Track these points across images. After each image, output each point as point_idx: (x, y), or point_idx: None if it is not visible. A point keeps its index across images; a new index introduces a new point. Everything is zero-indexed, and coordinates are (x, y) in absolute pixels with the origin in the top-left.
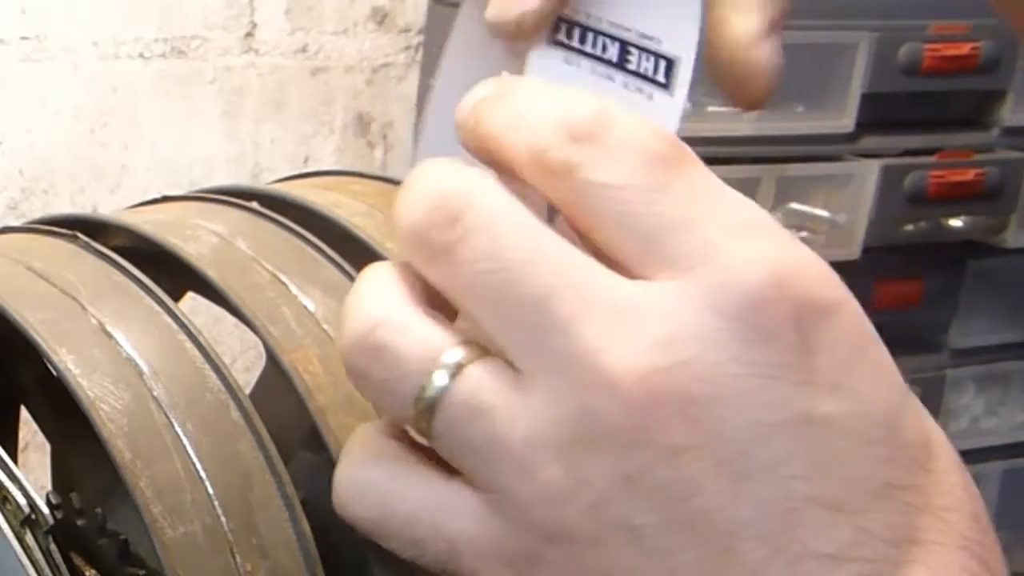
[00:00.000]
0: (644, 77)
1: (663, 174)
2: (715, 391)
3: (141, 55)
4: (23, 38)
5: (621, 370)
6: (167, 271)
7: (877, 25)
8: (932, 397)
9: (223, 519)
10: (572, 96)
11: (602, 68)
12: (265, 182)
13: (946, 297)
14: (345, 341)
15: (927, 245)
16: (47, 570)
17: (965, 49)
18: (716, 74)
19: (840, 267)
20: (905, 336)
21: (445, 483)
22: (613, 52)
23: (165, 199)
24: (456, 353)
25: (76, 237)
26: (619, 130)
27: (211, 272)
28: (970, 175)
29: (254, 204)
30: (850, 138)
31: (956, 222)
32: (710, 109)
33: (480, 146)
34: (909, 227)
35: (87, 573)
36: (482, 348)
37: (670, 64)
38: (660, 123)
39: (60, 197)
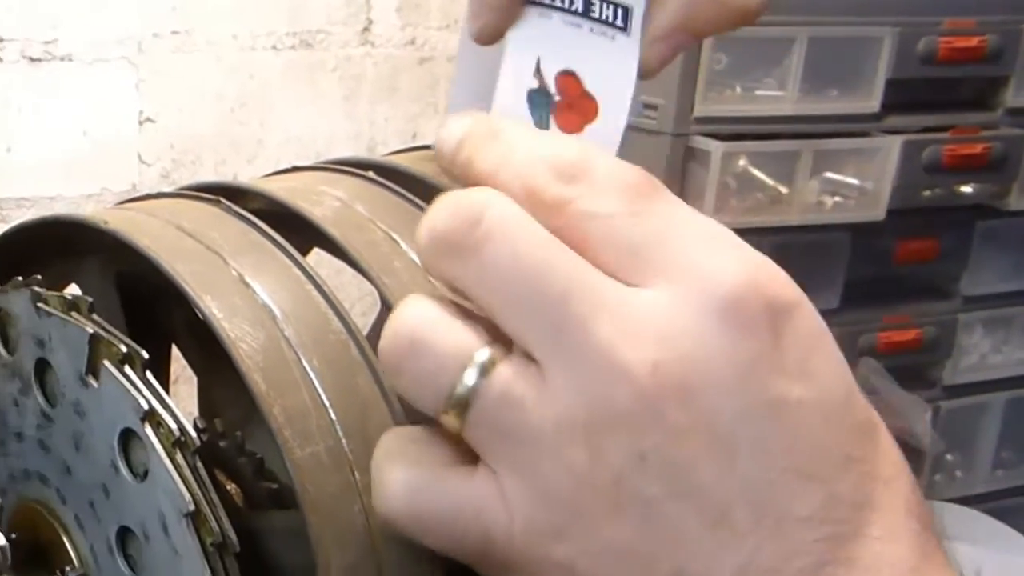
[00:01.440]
0: (606, 23)
1: (641, 202)
2: (709, 381)
3: (274, 47)
4: (174, 32)
5: (633, 363)
6: (296, 230)
7: (899, 21)
8: (946, 337)
9: (343, 441)
10: (554, 140)
11: (570, 18)
12: (379, 155)
13: (958, 252)
14: (383, 341)
15: (942, 208)
16: (195, 484)
17: (974, 41)
18: None
19: (867, 227)
20: (923, 286)
21: (481, 477)
22: (579, 4)
23: (295, 169)
24: (486, 352)
25: (219, 201)
26: (601, 169)
27: (334, 231)
28: (978, 149)
29: (370, 173)
30: (876, 117)
31: (966, 189)
32: (758, 93)
33: (473, 183)
34: (926, 193)
35: (228, 487)
36: (507, 345)
37: (626, 11)
38: (623, 60)
39: (205, 167)
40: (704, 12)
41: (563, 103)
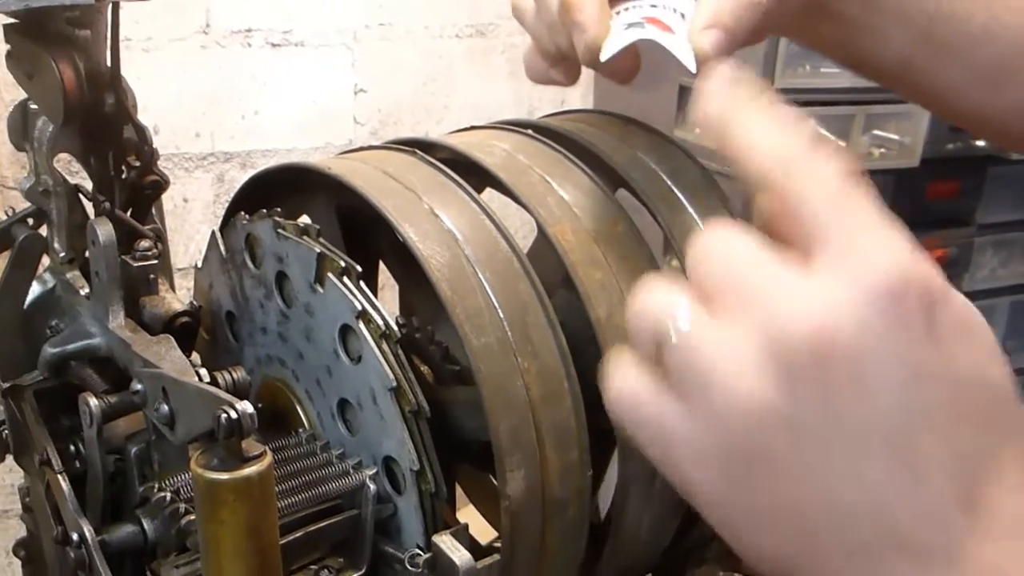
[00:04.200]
0: (674, 9)
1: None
2: (864, 343)
3: (456, 36)
4: (381, 24)
5: (802, 318)
6: (473, 174)
7: None
8: (965, 255)
9: (509, 333)
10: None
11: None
12: (536, 117)
13: (974, 191)
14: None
15: (962, 157)
16: (396, 366)
17: None
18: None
19: (905, 172)
20: (948, 216)
21: (673, 399)
22: None
23: (472, 128)
24: (684, 314)
25: (415, 152)
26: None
27: (502, 175)
28: None
29: (529, 131)
30: None
31: (980, 143)
32: (823, 70)
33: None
34: (950, 146)
35: (422, 368)
36: (704, 311)
37: None
38: (686, 34)
39: (404, 126)
40: (733, 13)
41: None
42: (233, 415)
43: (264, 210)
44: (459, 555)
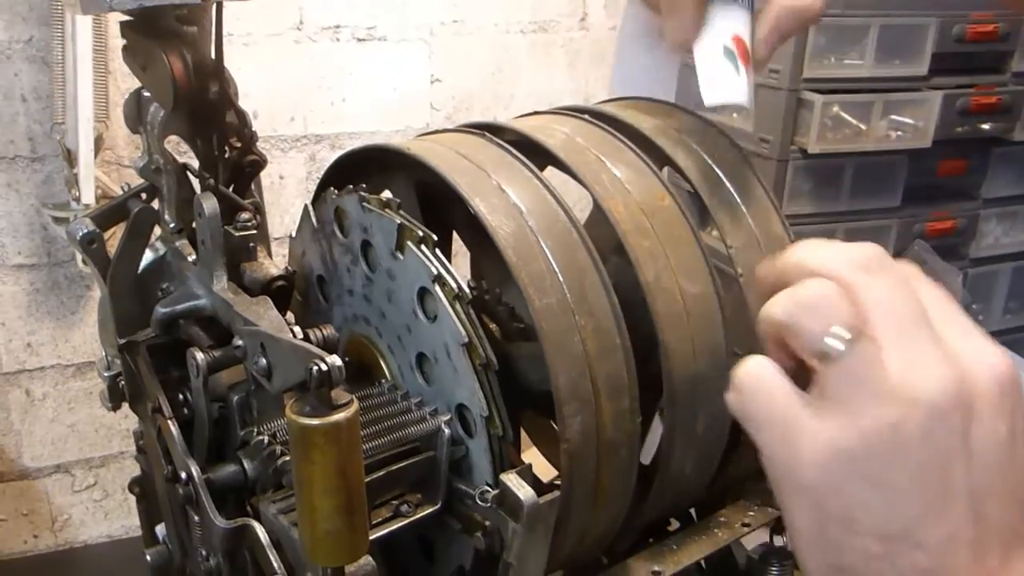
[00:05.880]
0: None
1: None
2: (984, 411)
3: (521, 31)
4: (454, 21)
5: (940, 374)
6: (536, 154)
7: (940, 13)
8: (972, 226)
9: (568, 295)
10: (850, 247)
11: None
12: (591, 104)
13: (980, 169)
14: (797, 295)
15: (969, 139)
16: (468, 324)
17: (990, 28)
18: None
19: (919, 152)
20: (957, 191)
21: (808, 403)
22: None
23: (535, 113)
24: (850, 331)
25: (484, 134)
26: (886, 260)
27: (561, 155)
28: (994, 99)
29: (586, 116)
30: (925, 79)
31: (985, 126)
32: (846, 61)
33: (807, 275)
34: (959, 129)
35: (491, 326)
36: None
37: None
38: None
39: (474, 112)
40: (787, 23)
41: (741, 53)
42: (324, 367)
43: (351, 186)
44: (524, 491)
